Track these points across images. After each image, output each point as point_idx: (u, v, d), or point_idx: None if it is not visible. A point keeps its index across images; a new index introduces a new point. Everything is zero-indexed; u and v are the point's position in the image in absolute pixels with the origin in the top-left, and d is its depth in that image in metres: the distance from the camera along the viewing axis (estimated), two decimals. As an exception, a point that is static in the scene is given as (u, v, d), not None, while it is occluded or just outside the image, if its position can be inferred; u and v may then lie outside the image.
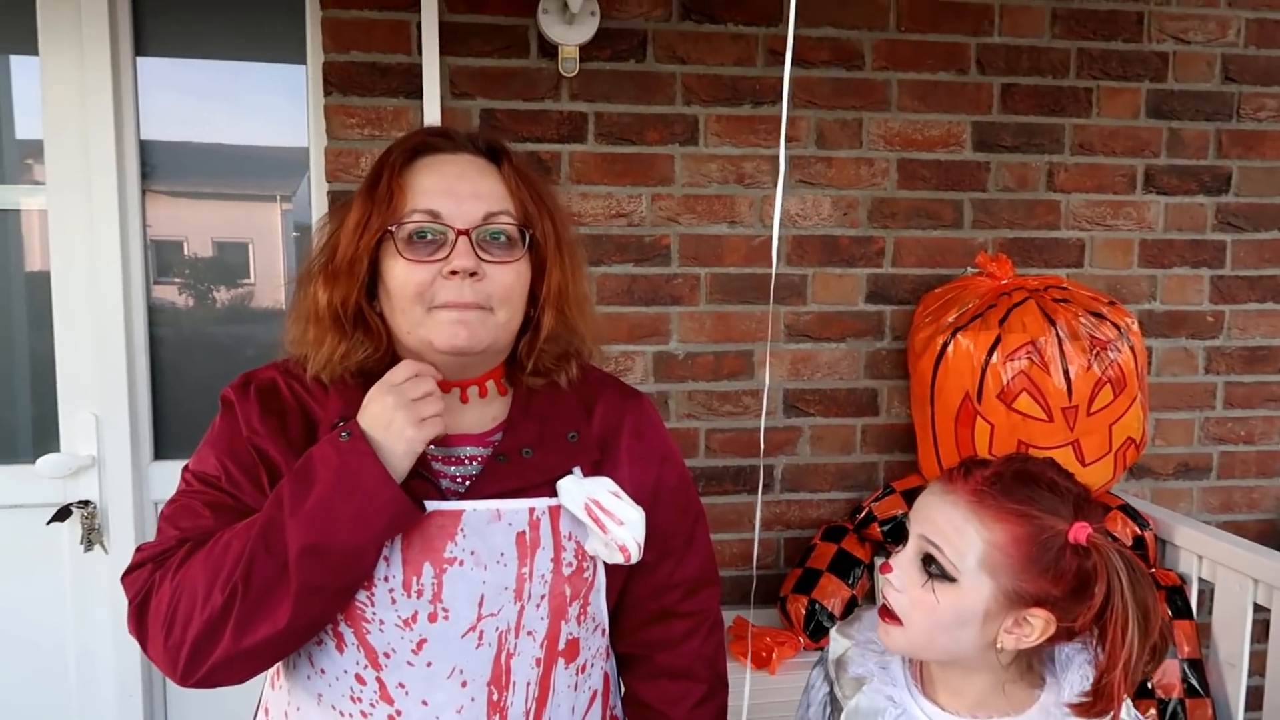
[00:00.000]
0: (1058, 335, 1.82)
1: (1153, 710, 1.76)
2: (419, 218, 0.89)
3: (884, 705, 0.94)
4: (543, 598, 0.92)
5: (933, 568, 0.88)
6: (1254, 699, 1.81)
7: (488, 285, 0.90)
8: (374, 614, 0.88)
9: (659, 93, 1.98)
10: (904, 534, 0.93)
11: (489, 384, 0.98)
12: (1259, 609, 1.68)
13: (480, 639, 0.90)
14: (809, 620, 1.89)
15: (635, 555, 0.91)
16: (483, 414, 0.98)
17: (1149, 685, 1.76)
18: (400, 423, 0.85)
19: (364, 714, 0.90)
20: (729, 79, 2.00)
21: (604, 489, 0.91)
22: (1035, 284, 1.92)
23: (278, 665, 0.96)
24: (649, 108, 1.98)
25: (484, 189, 0.92)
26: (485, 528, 0.90)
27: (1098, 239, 2.18)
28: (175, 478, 0.95)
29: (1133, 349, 1.86)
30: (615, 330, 2.01)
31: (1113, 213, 2.18)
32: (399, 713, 0.89)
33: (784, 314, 2.08)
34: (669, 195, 2.01)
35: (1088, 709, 0.84)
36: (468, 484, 0.93)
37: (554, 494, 0.93)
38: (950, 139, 2.10)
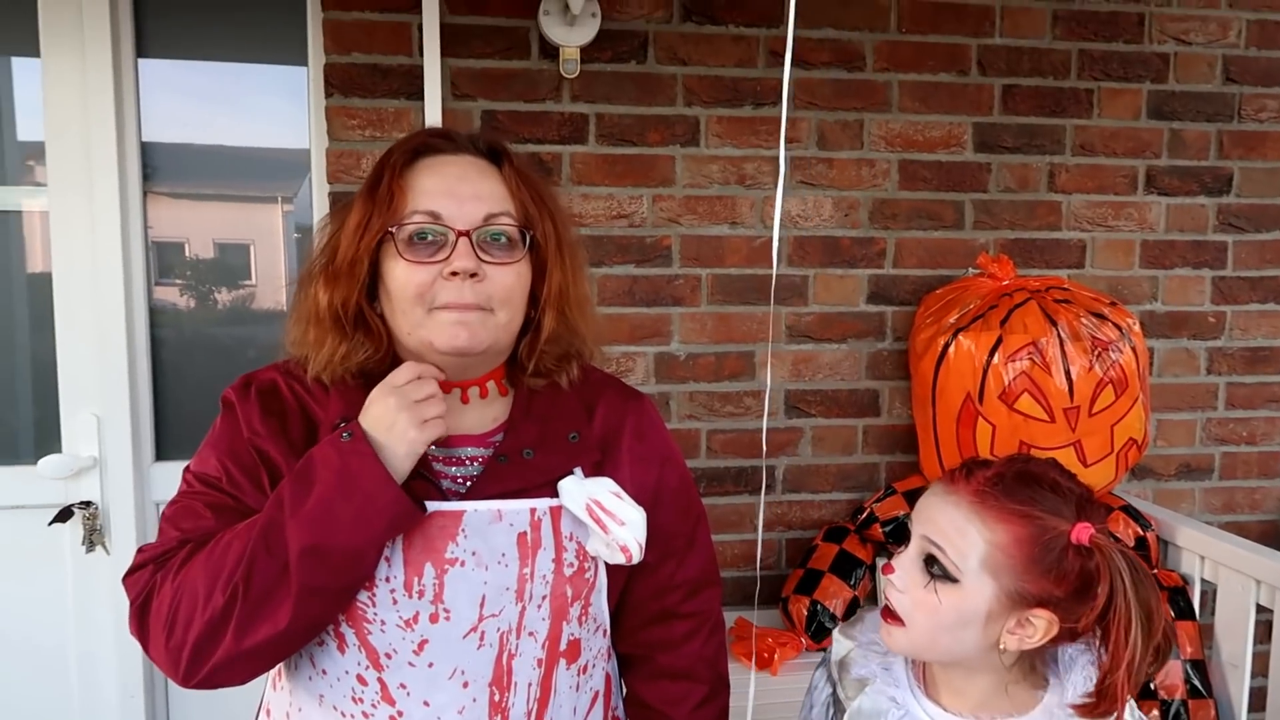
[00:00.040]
0: (1059, 336, 1.81)
1: (1155, 711, 1.75)
2: (420, 219, 0.89)
3: (887, 706, 0.94)
4: (544, 598, 0.92)
5: (935, 568, 0.87)
6: (1257, 700, 1.81)
7: (488, 286, 0.90)
8: (375, 614, 0.88)
9: (660, 94, 1.98)
10: (905, 535, 0.93)
11: (490, 385, 0.98)
12: (1261, 610, 1.68)
13: (482, 640, 0.90)
14: (811, 621, 1.89)
15: (636, 555, 0.91)
16: (484, 415, 0.98)
17: (1152, 686, 1.76)
18: (403, 424, 0.85)
19: (365, 715, 0.90)
20: (730, 80, 2.00)
21: (605, 489, 0.91)
22: (1037, 285, 1.92)
23: (279, 666, 0.96)
24: (650, 109, 1.98)
25: (485, 190, 0.92)
26: (486, 528, 0.90)
27: (1099, 240, 2.18)
28: (177, 479, 0.95)
29: (1134, 350, 1.86)
30: (616, 331, 2.01)
31: (1114, 213, 2.18)
32: (400, 713, 0.89)
33: (785, 315, 2.08)
34: (670, 196, 2.01)
35: (1091, 710, 0.84)
36: (469, 484, 0.93)
37: (555, 494, 0.93)
38: (951, 140, 2.10)
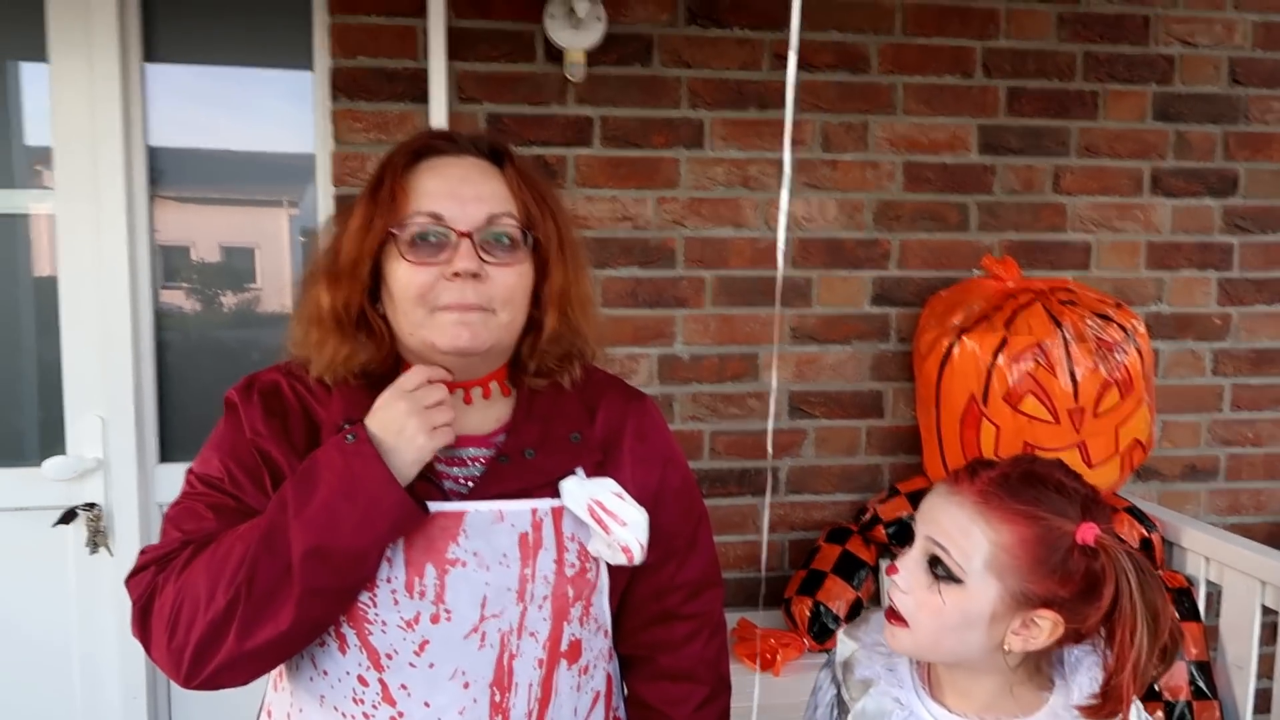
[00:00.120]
0: (1064, 337, 1.81)
1: (1159, 713, 1.74)
2: (422, 220, 0.90)
3: (891, 707, 0.94)
4: (545, 599, 0.92)
5: (939, 569, 0.87)
6: (1262, 701, 1.80)
7: (490, 287, 0.90)
8: (376, 615, 0.88)
9: (665, 97, 1.98)
10: (908, 536, 0.93)
11: (492, 385, 0.98)
12: (1267, 611, 1.67)
13: (483, 640, 0.89)
14: (813, 622, 1.89)
15: (638, 556, 0.90)
16: (486, 415, 0.98)
17: (1156, 688, 1.75)
18: (412, 430, 0.86)
19: (366, 715, 0.89)
20: (734, 83, 2.00)
21: (607, 490, 0.91)
22: (1041, 286, 1.92)
23: (280, 667, 0.96)
24: (655, 112, 1.98)
25: (487, 191, 0.92)
26: (488, 529, 0.90)
27: (1104, 241, 2.18)
28: (181, 481, 0.95)
29: (1139, 351, 1.85)
30: (620, 333, 2.01)
31: (1119, 215, 2.18)
32: (401, 714, 0.89)
33: (789, 316, 2.08)
34: (674, 198, 2.01)
35: (1096, 711, 0.83)
36: (470, 485, 0.93)
37: (557, 495, 0.92)
38: (956, 142, 2.10)
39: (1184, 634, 1.77)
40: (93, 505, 1.90)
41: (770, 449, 2.09)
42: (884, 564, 1.91)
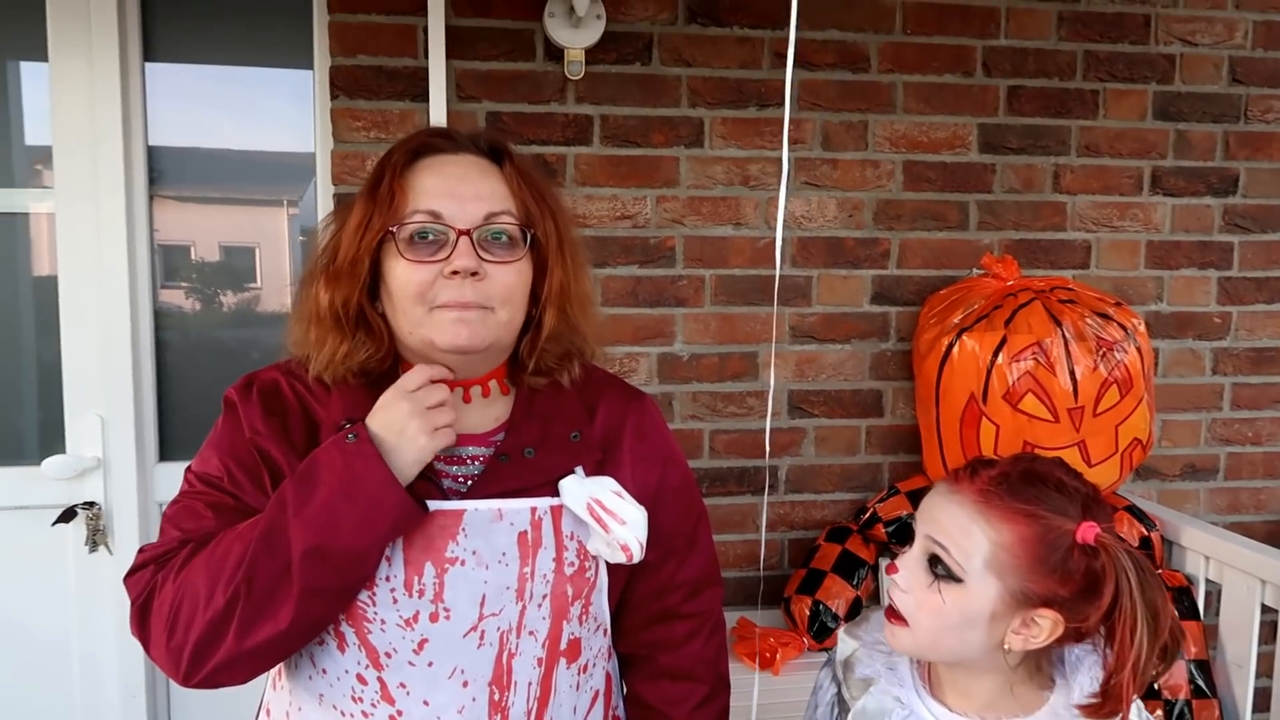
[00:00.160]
0: (1064, 336, 1.81)
1: (1159, 711, 1.75)
2: (420, 218, 0.90)
3: (891, 706, 0.94)
4: (544, 597, 0.92)
5: (939, 568, 0.87)
6: (1261, 700, 1.80)
7: (489, 285, 0.90)
8: (375, 614, 0.88)
9: (664, 95, 1.98)
10: (908, 535, 0.93)
11: (491, 384, 0.98)
12: (1266, 610, 1.68)
13: (482, 639, 0.89)
14: (813, 621, 1.89)
15: (637, 555, 0.90)
16: (485, 414, 0.98)
17: (1156, 686, 1.75)
18: (414, 430, 0.86)
19: (365, 714, 0.89)
20: (734, 81, 2.00)
21: (606, 488, 0.91)
22: (1041, 285, 1.92)
23: (279, 666, 0.96)
24: (654, 110, 1.98)
25: (485, 189, 0.92)
26: (487, 527, 0.90)
27: (1104, 240, 2.17)
28: (180, 480, 0.95)
29: (1139, 350, 1.85)
30: (620, 332, 2.01)
31: (1119, 214, 2.18)
32: (400, 713, 0.89)
33: (789, 315, 2.08)
34: (674, 197, 2.01)
35: (1097, 710, 0.83)
36: (469, 483, 0.93)
37: (556, 494, 0.92)
38: (956, 141, 2.10)
39: (1184, 633, 1.77)
40: (92, 504, 1.90)
41: (769, 448, 2.09)
42: (884, 563, 1.91)
